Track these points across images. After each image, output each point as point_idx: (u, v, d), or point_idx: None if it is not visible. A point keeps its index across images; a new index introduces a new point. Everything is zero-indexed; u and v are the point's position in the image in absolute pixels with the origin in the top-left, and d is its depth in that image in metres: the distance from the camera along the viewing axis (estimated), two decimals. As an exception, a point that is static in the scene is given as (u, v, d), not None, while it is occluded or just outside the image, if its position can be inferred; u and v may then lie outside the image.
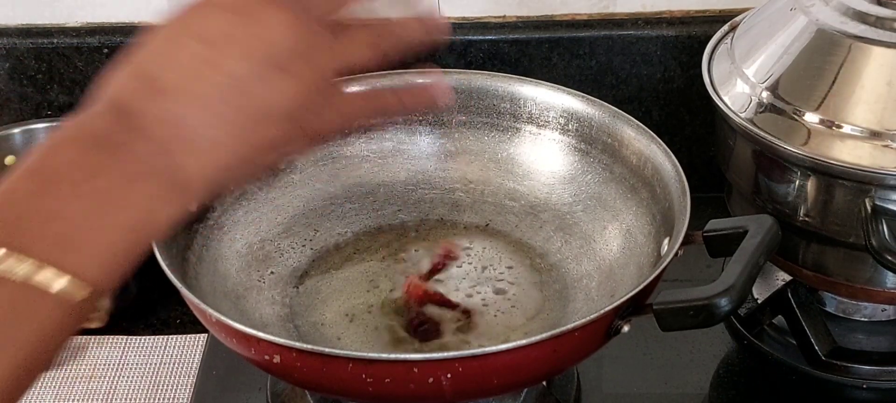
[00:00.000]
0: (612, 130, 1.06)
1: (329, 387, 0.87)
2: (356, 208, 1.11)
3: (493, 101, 1.11)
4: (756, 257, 0.87)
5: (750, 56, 1.04)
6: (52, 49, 1.24)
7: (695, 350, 1.08)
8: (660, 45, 1.23)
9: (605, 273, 1.03)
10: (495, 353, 0.83)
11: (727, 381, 1.07)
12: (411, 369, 0.83)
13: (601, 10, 1.24)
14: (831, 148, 0.96)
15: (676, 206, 0.96)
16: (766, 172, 1.01)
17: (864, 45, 0.97)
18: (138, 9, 1.25)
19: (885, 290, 1.01)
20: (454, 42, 1.23)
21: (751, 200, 1.04)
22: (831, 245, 1.00)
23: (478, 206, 1.11)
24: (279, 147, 0.68)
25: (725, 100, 1.03)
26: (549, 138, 1.10)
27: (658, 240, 0.98)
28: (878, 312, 1.09)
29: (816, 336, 1.04)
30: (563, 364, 0.92)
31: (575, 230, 1.07)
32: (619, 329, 0.87)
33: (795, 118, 0.98)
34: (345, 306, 1.01)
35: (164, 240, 0.93)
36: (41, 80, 1.26)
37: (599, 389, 1.05)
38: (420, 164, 1.13)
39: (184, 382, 1.07)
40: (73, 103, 1.26)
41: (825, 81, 0.98)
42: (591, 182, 1.08)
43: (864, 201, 0.95)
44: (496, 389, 0.89)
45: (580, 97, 1.08)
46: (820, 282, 1.04)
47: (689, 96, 1.24)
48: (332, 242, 1.09)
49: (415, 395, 0.85)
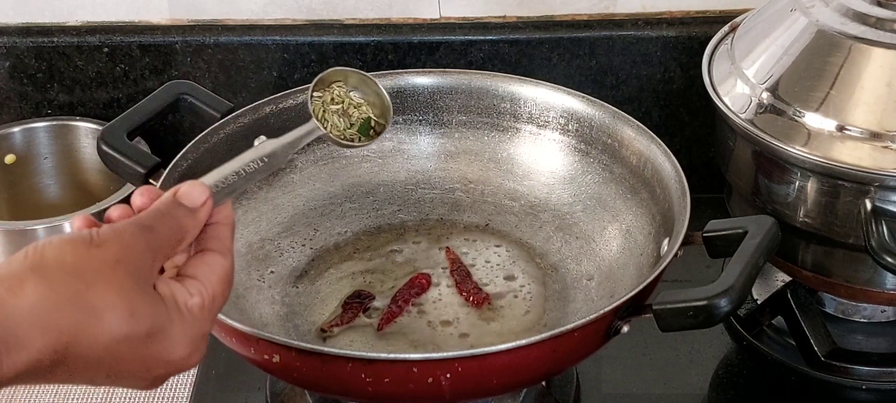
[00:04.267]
0: (612, 130, 1.06)
1: (329, 387, 0.87)
2: (356, 208, 1.11)
3: (493, 101, 1.11)
4: (756, 258, 0.87)
5: (750, 57, 1.04)
6: (52, 48, 1.24)
7: (694, 350, 1.08)
8: (660, 45, 1.23)
9: (605, 273, 1.03)
10: (494, 353, 0.83)
11: (726, 382, 1.07)
12: (411, 369, 0.83)
13: (601, 10, 1.24)
14: (831, 149, 0.96)
15: (676, 207, 0.96)
16: (765, 173, 1.01)
17: (864, 47, 0.97)
18: (138, 8, 1.25)
19: (885, 291, 1.01)
20: (454, 42, 1.23)
21: (750, 201, 1.04)
22: (831, 246, 1.00)
23: (478, 206, 1.11)
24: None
25: (725, 100, 1.03)
26: (549, 138, 1.10)
27: (658, 241, 0.98)
28: (878, 313, 1.09)
29: (816, 337, 1.04)
30: (563, 365, 0.92)
31: (575, 230, 1.07)
32: (619, 329, 0.87)
33: (795, 119, 0.98)
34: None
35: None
36: (41, 79, 1.26)
37: (599, 389, 1.05)
38: (420, 164, 1.13)
39: (183, 381, 1.07)
40: (72, 102, 1.26)
41: (825, 82, 0.98)
42: (590, 182, 1.08)
43: (863, 202, 0.95)
44: (495, 389, 0.89)
45: (580, 97, 1.08)
46: (819, 283, 1.04)
47: (689, 97, 1.24)
48: (331, 242, 1.09)
49: (414, 395, 0.85)
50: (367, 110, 0.91)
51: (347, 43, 1.24)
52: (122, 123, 1.04)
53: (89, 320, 0.65)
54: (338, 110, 0.90)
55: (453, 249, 1.07)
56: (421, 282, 1.03)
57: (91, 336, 0.65)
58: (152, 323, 0.67)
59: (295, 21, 1.25)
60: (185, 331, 0.69)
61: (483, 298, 1.01)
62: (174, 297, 0.69)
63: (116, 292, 0.66)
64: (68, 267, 0.66)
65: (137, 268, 0.67)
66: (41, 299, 0.64)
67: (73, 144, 1.24)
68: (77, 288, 0.65)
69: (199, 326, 0.70)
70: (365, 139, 0.91)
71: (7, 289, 0.64)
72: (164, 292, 0.69)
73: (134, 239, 0.68)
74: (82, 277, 0.65)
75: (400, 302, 1.01)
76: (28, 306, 0.64)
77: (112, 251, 0.67)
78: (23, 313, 0.64)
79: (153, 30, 1.25)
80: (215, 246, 0.73)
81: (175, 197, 0.72)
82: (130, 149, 1.02)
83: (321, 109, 0.90)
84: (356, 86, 0.91)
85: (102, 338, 0.65)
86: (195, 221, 0.72)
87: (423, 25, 1.25)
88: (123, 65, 1.25)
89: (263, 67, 1.25)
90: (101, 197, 1.14)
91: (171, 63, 1.25)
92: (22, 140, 1.23)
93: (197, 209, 0.72)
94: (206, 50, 1.24)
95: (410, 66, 1.23)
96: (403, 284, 1.03)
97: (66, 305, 0.64)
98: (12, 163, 1.22)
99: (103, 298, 0.65)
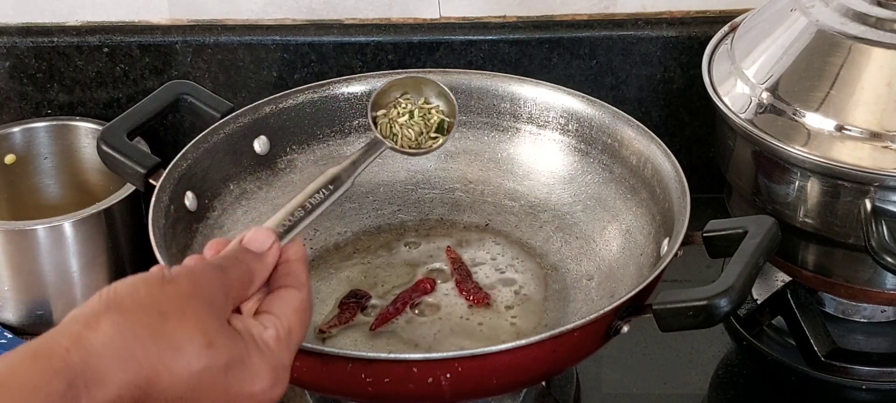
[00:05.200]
0: (612, 130, 1.06)
1: (329, 387, 0.87)
2: (356, 208, 1.11)
3: (493, 101, 1.11)
4: (756, 258, 0.86)
5: (750, 57, 1.04)
6: (52, 48, 1.24)
7: (694, 350, 1.08)
8: (660, 45, 1.23)
9: (605, 273, 1.03)
10: (494, 353, 0.83)
11: (726, 382, 1.07)
12: (411, 369, 0.83)
13: (601, 10, 1.24)
14: (831, 149, 0.96)
15: (676, 207, 0.96)
16: (765, 173, 1.01)
17: (864, 47, 0.97)
18: (138, 8, 1.25)
19: (885, 291, 1.01)
20: (454, 42, 1.23)
21: (750, 201, 1.04)
22: (831, 246, 1.00)
23: (478, 206, 1.11)
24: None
25: (725, 100, 1.03)
26: (549, 138, 1.10)
27: (658, 241, 0.98)
28: (878, 313, 1.09)
29: (816, 337, 1.04)
30: (563, 365, 0.92)
31: (575, 230, 1.07)
32: (619, 329, 0.87)
33: (795, 119, 0.98)
34: (344, 306, 1.02)
35: (164, 240, 0.93)
36: (41, 79, 1.26)
37: (599, 389, 1.05)
38: (420, 164, 1.13)
39: (183, 381, 1.07)
40: (73, 102, 1.26)
41: (825, 82, 0.98)
42: (590, 182, 1.08)
43: (863, 202, 0.95)
44: (495, 389, 0.89)
45: (580, 97, 1.08)
46: (819, 283, 1.04)
47: (689, 96, 1.24)
48: (331, 242, 1.09)
49: (414, 395, 0.85)
50: (438, 113, 0.93)
51: (347, 43, 1.24)
52: (122, 123, 1.04)
53: (168, 352, 0.65)
54: (405, 122, 0.92)
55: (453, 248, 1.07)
56: (425, 287, 1.03)
57: (171, 370, 0.65)
58: (231, 354, 0.67)
59: (295, 21, 1.25)
60: (264, 361, 0.69)
61: (483, 298, 1.01)
62: (249, 331, 0.69)
63: (193, 324, 0.66)
64: (143, 301, 0.66)
65: (211, 303, 0.68)
66: (119, 333, 0.64)
67: (73, 144, 1.24)
68: (153, 321, 0.65)
69: (277, 357, 0.70)
70: (442, 138, 0.92)
71: (85, 325, 0.64)
72: (239, 327, 0.69)
73: (206, 275, 0.69)
74: (158, 310, 0.66)
75: (398, 305, 1.00)
76: (106, 340, 0.64)
77: (185, 285, 0.67)
78: (101, 347, 0.63)
79: (153, 30, 1.25)
80: (289, 282, 0.74)
81: (242, 242, 0.73)
82: (130, 149, 1.02)
83: (387, 125, 0.91)
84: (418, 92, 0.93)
85: (182, 372, 0.65)
86: (263, 265, 0.73)
87: (423, 25, 1.25)
88: (123, 65, 1.25)
89: (263, 67, 1.25)
90: (101, 197, 1.14)
91: (171, 63, 1.25)
92: (22, 140, 1.23)
93: (264, 253, 0.73)
94: (206, 50, 1.24)
95: (410, 66, 1.23)
96: (408, 287, 1.03)
97: (144, 338, 0.64)
98: (12, 163, 1.22)
99: (180, 329, 0.66)
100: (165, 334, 0.65)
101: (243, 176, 1.07)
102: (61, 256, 1.10)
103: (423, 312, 1.01)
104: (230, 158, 1.06)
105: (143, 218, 1.08)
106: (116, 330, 0.64)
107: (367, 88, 1.09)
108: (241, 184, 1.06)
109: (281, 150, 1.09)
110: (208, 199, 1.03)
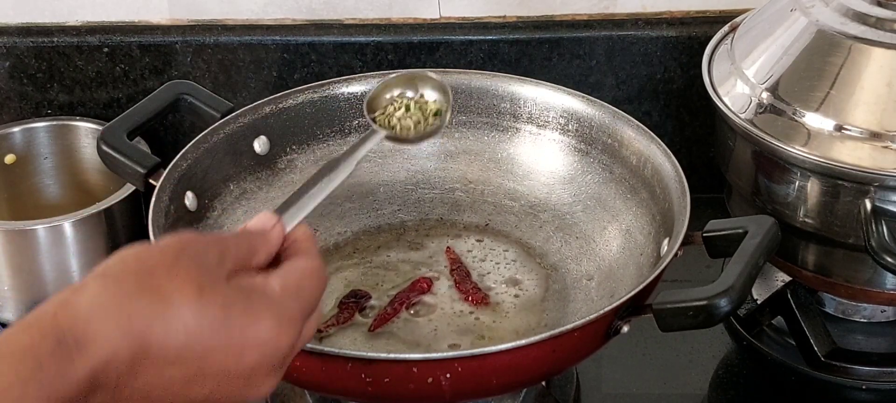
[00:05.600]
0: (612, 130, 1.06)
1: (329, 387, 0.87)
2: (356, 208, 1.11)
3: (493, 101, 1.11)
4: (756, 258, 0.87)
5: (750, 57, 1.04)
6: (52, 48, 1.24)
7: (694, 350, 1.08)
8: (660, 45, 1.23)
9: (605, 273, 1.03)
10: (494, 353, 0.83)
11: (726, 382, 1.07)
12: (411, 369, 0.83)
13: (601, 10, 1.24)
14: (831, 149, 0.96)
15: (676, 207, 0.96)
16: (765, 173, 1.01)
17: (864, 47, 0.97)
18: (138, 8, 1.25)
19: (885, 291, 1.01)
20: (454, 42, 1.23)
21: (750, 201, 1.04)
22: (831, 246, 1.00)
23: (477, 206, 1.11)
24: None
25: (725, 100, 1.03)
26: (549, 138, 1.10)
27: (658, 241, 0.98)
28: (878, 313, 1.09)
29: (816, 337, 1.04)
30: (563, 365, 0.92)
31: (575, 230, 1.07)
32: (619, 329, 0.87)
33: (795, 119, 0.98)
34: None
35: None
36: (41, 79, 1.26)
37: (599, 389, 1.05)
38: (420, 164, 1.13)
39: (183, 381, 1.07)
40: (73, 102, 1.26)
41: (825, 82, 0.98)
42: (590, 182, 1.08)
43: (863, 202, 0.95)
44: (495, 389, 0.89)
45: (580, 97, 1.08)
46: (819, 283, 1.04)
47: (689, 96, 1.24)
48: (331, 242, 1.09)
49: (414, 395, 0.85)
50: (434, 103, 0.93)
51: (347, 43, 1.24)
52: (122, 123, 1.04)
53: (158, 305, 0.64)
54: (403, 115, 0.92)
55: (453, 248, 1.07)
56: (422, 286, 1.03)
57: (165, 320, 0.64)
58: (226, 298, 0.65)
59: (295, 21, 1.25)
60: (267, 306, 0.67)
61: (482, 298, 1.01)
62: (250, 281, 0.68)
63: (182, 277, 0.64)
64: (129, 263, 0.65)
65: (202, 261, 0.66)
66: (105, 291, 0.63)
67: (73, 144, 1.24)
68: (141, 278, 0.64)
69: (282, 306, 0.68)
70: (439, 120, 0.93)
71: (71, 291, 0.64)
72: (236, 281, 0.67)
73: (196, 239, 0.68)
74: (145, 268, 0.65)
75: (396, 305, 1.00)
76: (92, 298, 0.63)
77: (172, 246, 0.66)
78: (88, 305, 0.63)
79: (153, 30, 1.25)
80: (297, 251, 0.72)
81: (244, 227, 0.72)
82: (130, 149, 1.02)
83: (385, 121, 0.91)
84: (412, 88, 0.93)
85: (176, 322, 0.64)
86: (265, 240, 0.71)
87: (423, 25, 1.25)
88: (123, 65, 1.25)
89: (263, 67, 1.25)
90: (101, 197, 1.14)
91: (171, 63, 1.25)
92: (22, 140, 1.23)
93: (267, 231, 0.72)
94: (206, 50, 1.24)
95: (410, 66, 1.23)
96: (405, 287, 1.03)
97: (131, 292, 0.63)
98: (12, 163, 1.22)
99: (169, 282, 0.64)
100: (153, 287, 0.64)
101: (243, 176, 1.07)
102: (61, 256, 1.10)
103: (423, 312, 1.01)
104: (230, 158, 1.06)
105: (143, 219, 1.08)
106: (103, 288, 0.64)
107: (367, 88, 1.09)
108: (241, 184, 1.06)
109: (281, 150, 1.09)
110: (208, 199, 1.03)
